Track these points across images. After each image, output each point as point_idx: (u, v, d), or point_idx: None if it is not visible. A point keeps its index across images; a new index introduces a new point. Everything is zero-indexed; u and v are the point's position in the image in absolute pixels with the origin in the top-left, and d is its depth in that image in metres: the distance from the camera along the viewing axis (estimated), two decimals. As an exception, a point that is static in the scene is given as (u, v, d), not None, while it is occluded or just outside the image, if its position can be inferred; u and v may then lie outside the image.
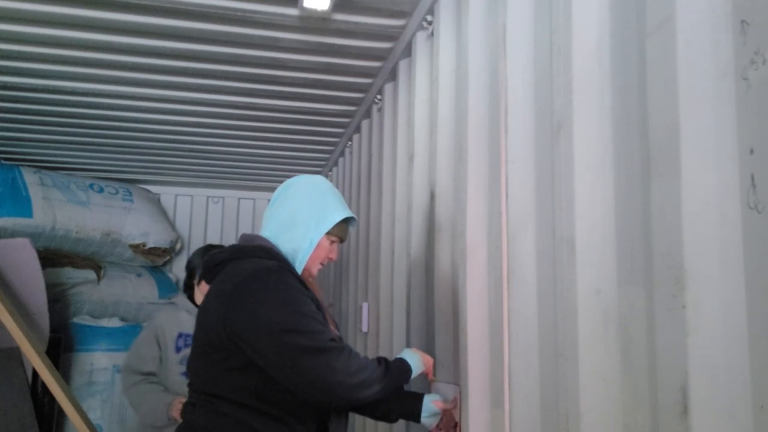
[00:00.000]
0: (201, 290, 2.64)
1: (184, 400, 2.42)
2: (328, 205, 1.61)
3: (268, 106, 3.21)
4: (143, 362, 2.57)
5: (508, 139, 1.50)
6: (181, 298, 2.69)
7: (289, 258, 1.58)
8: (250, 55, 2.62)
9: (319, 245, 1.60)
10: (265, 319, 1.40)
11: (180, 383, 2.51)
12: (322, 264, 1.65)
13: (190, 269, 2.67)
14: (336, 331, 1.67)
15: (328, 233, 1.61)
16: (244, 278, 1.46)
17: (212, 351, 1.47)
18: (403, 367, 1.61)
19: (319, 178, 1.70)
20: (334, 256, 1.66)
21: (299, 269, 1.57)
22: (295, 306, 1.43)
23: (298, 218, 1.59)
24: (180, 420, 2.41)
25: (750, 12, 0.86)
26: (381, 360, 1.57)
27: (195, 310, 2.62)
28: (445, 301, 1.92)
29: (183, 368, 2.52)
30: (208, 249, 2.67)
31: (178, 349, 2.56)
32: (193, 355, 1.55)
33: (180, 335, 2.58)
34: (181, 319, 2.60)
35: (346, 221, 1.66)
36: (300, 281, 1.51)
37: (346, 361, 1.42)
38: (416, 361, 1.64)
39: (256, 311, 1.41)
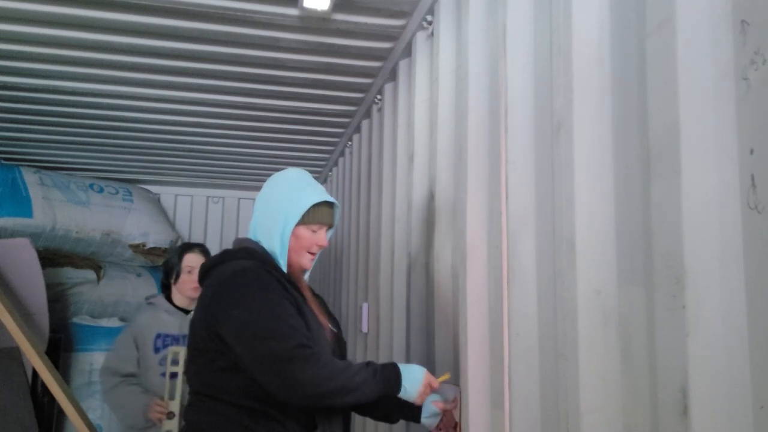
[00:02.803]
0: (178, 289, 2.64)
1: (160, 401, 2.43)
2: (293, 196, 1.60)
3: (268, 106, 3.21)
4: (122, 364, 2.56)
5: (508, 139, 1.50)
6: (160, 299, 2.68)
7: (273, 256, 1.59)
8: (250, 55, 2.62)
9: (298, 237, 1.60)
10: (238, 321, 1.43)
11: (160, 384, 2.49)
12: (311, 253, 1.64)
13: (167, 269, 2.67)
14: (332, 327, 1.67)
15: (303, 223, 1.59)
16: (222, 281, 1.50)
17: (201, 353, 1.52)
18: (391, 376, 1.52)
19: (289, 171, 1.69)
20: (323, 243, 1.64)
21: (283, 266, 1.58)
22: (267, 307, 1.44)
23: (269, 216, 1.61)
24: (156, 422, 2.42)
25: (750, 12, 0.86)
26: (368, 366, 1.50)
27: (174, 310, 2.62)
28: (445, 301, 1.92)
29: (162, 369, 2.51)
30: (184, 248, 2.67)
31: (156, 350, 2.55)
32: (188, 358, 1.60)
33: (159, 336, 2.56)
34: (159, 319, 2.59)
35: (328, 205, 1.64)
36: (280, 280, 1.52)
37: (314, 369, 1.39)
38: (412, 378, 1.54)
39: (230, 313, 1.45)
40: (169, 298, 2.65)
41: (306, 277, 1.72)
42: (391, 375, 1.52)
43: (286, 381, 1.39)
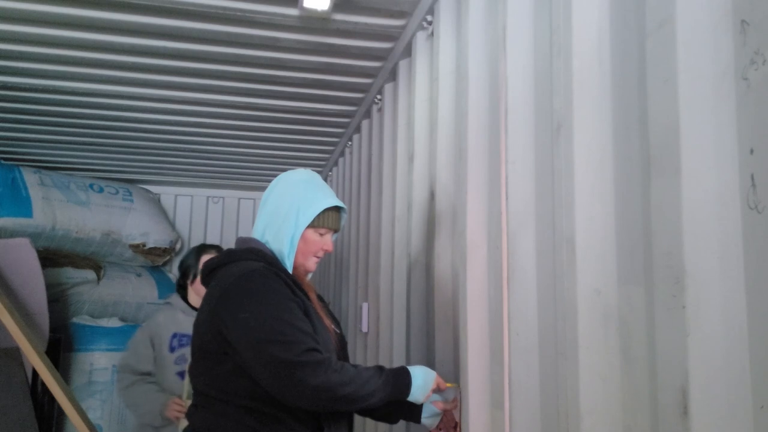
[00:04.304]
0: (194, 290, 2.65)
1: (178, 400, 2.44)
2: (306, 199, 1.58)
3: (268, 106, 3.21)
4: (139, 362, 2.58)
5: (508, 139, 1.50)
6: (176, 298, 2.69)
7: (279, 257, 1.58)
8: (250, 55, 2.62)
9: (306, 240, 1.59)
10: (244, 325, 1.41)
11: (175, 383, 2.51)
12: (317, 257, 1.63)
13: (183, 269, 2.68)
14: (335, 329, 1.66)
15: (313, 226, 1.59)
16: (229, 283, 1.48)
17: (206, 355, 1.50)
18: (402, 383, 1.53)
19: (300, 172, 1.68)
20: (329, 247, 1.64)
21: (289, 267, 1.57)
22: (275, 311, 1.42)
23: (279, 216, 1.58)
24: (174, 420, 2.43)
25: (750, 12, 0.86)
26: (380, 373, 1.50)
27: (189, 310, 2.63)
28: (445, 301, 1.92)
29: (178, 368, 2.53)
30: (201, 249, 2.68)
31: (172, 349, 2.57)
32: (192, 359, 1.58)
33: (175, 335, 2.58)
34: (176, 319, 2.60)
35: (335, 210, 1.63)
36: (287, 282, 1.51)
37: (325, 375, 1.38)
38: (421, 385, 1.55)
39: (237, 316, 1.42)
40: (184, 298, 2.66)
41: (308, 277, 1.72)
42: (402, 383, 1.53)
43: (297, 386, 1.37)
